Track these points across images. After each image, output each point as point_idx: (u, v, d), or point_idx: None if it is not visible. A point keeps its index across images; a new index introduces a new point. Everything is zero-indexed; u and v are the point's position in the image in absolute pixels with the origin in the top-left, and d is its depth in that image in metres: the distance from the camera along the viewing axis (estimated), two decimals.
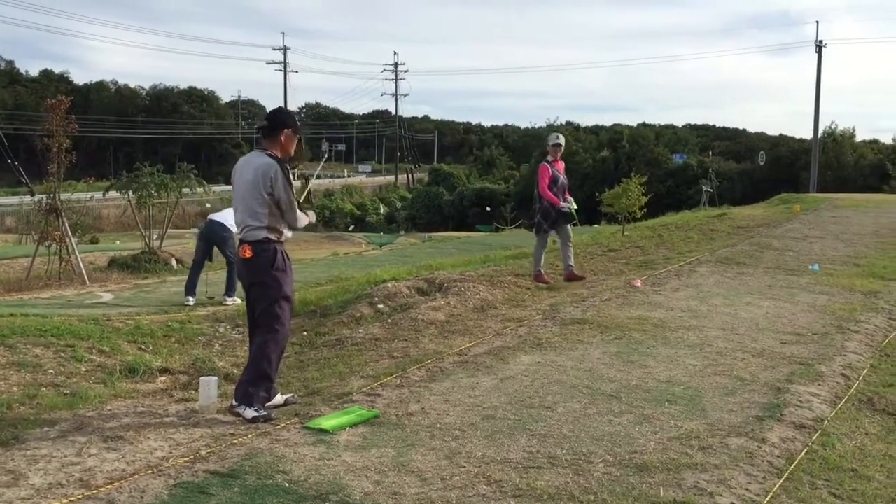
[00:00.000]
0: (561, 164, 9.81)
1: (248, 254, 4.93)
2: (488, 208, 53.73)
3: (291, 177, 5.05)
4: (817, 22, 71.29)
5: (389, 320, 7.66)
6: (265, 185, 4.87)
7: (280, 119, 5.10)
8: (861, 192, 36.78)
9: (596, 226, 24.42)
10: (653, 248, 12.68)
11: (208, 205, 63.23)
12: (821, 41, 47.74)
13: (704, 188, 33.92)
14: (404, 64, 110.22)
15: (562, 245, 9.70)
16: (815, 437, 4.48)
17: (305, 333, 8.04)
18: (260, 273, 4.95)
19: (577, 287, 9.22)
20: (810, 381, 5.55)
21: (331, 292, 10.04)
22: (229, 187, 6.18)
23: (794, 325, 7.32)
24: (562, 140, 9.77)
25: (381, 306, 8.72)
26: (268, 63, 74.81)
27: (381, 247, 27.20)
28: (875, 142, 62.12)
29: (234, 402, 4.82)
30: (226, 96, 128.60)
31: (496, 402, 4.99)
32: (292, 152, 5.15)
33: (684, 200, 49.38)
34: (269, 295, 4.93)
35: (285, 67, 73.51)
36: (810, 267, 10.47)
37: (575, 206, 9.77)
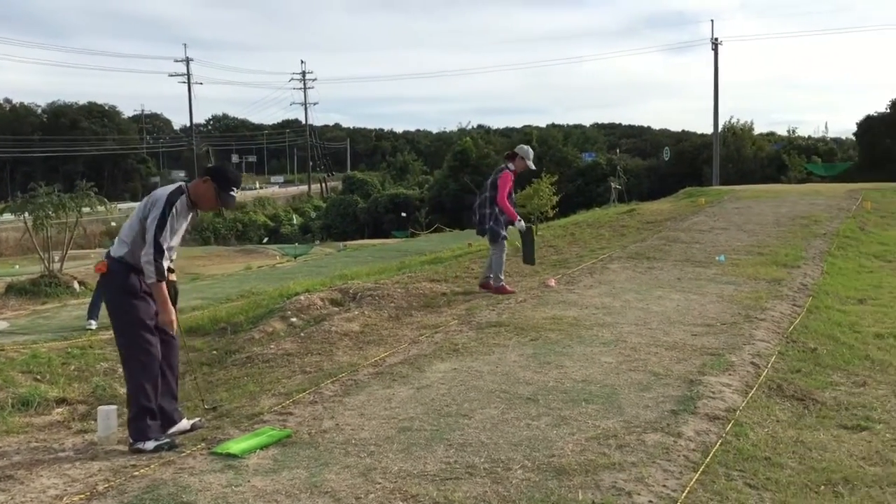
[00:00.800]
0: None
1: (103, 268, 4.68)
2: (403, 214, 53.63)
3: (179, 222, 4.70)
4: (712, 21, 73.10)
5: (302, 334, 7.46)
6: (145, 209, 4.64)
7: (209, 169, 4.90)
8: (761, 183, 38.20)
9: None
10: (566, 247, 12.79)
11: (114, 223, 61.23)
12: (716, 39, 49.44)
13: (613, 185, 34.68)
14: (312, 72, 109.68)
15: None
16: (728, 428, 4.52)
17: (215, 352, 7.77)
18: (112, 293, 4.72)
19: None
20: (721, 371, 5.63)
21: (242, 308, 9.78)
22: (133, 204, 5.86)
23: (703, 317, 7.44)
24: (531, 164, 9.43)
25: (294, 320, 8.52)
26: (170, 75, 72.83)
27: (295, 258, 26.76)
28: (772, 134, 64.87)
29: (131, 441, 4.57)
30: (129, 111, 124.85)
31: (412, 413, 4.88)
32: (204, 205, 4.87)
33: (594, 198, 50.29)
34: (123, 321, 4.66)
35: (189, 79, 71.75)
36: (717, 258, 10.72)
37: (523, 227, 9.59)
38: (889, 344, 6.86)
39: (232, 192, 4.84)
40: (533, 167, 9.42)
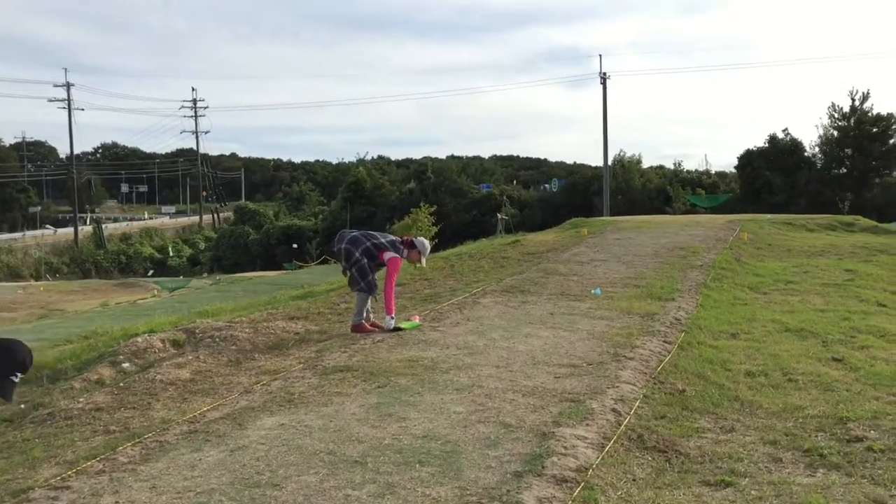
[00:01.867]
0: None
1: None
2: (295, 245, 52.34)
3: None
4: (600, 56, 76.17)
5: (122, 384, 6.54)
6: None
7: None
8: (649, 214, 38.97)
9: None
10: (441, 280, 12.21)
11: None
12: (604, 73, 50.73)
13: (500, 216, 34.62)
14: (203, 100, 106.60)
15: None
16: (576, 493, 3.93)
17: (23, 406, 6.74)
18: None
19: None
20: (579, 420, 5.07)
21: (73, 351, 8.70)
22: (12, 235, 4.78)
23: (570, 356, 6.94)
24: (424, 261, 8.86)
25: (126, 365, 7.56)
26: (50, 100, 69.29)
27: (171, 291, 25.36)
28: (661, 167, 66.89)
29: None
30: (9, 138, 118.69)
31: (215, 484, 4.10)
32: None
33: (488, 229, 50.39)
34: None
35: (69, 105, 68.58)
36: (592, 291, 10.35)
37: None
38: (759, 383, 6.50)
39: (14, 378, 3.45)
40: (424, 266, 8.86)
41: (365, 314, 8.41)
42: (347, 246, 8.39)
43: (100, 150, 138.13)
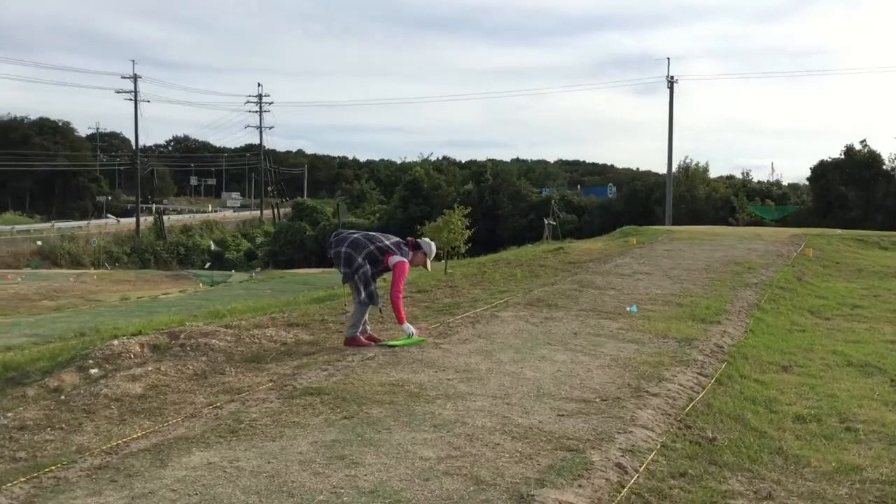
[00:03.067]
0: None
1: None
2: None
3: None
4: (668, 59, 73.60)
5: (63, 396, 5.76)
6: None
7: None
8: (713, 224, 37.30)
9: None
10: (467, 289, 11.25)
11: (39, 242, 58.58)
12: (671, 77, 49.09)
13: (547, 222, 33.42)
14: (268, 95, 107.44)
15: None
16: None
17: None
18: None
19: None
20: (571, 478, 4.07)
21: (52, 352, 8.03)
22: (77, 223, 4.14)
23: (583, 388, 5.91)
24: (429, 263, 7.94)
25: (94, 371, 6.82)
26: (117, 91, 70.39)
27: (212, 285, 24.93)
28: (730, 177, 64.46)
29: None
30: (84, 129, 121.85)
31: None
32: None
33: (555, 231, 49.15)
34: None
35: (136, 96, 69.59)
36: (628, 309, 9.27)
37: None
38: (810, 431, 5.40)
39: None
40: (429, 269, 8.03)
41: (362, 326, 7.52)
42: (348, 250, 7.48)
43: (172, 143, 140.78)
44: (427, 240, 7.93)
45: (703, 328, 8.37)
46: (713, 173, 58.11)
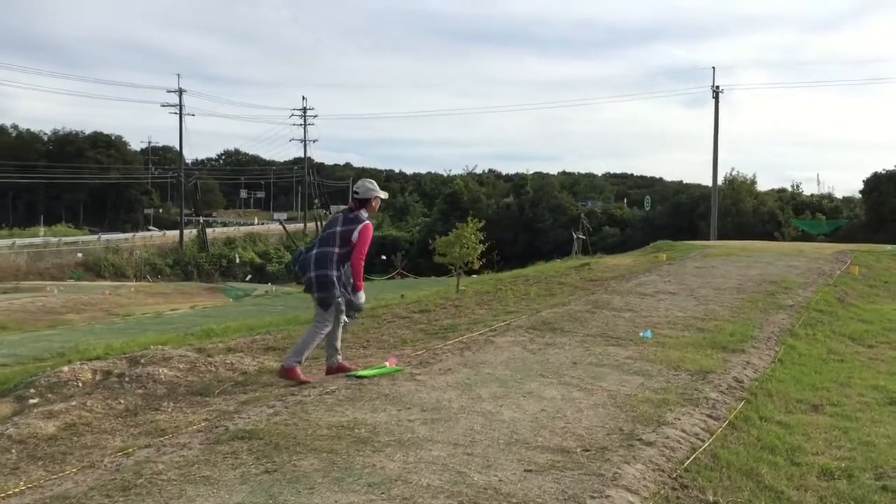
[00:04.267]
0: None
1: None
2: (383, 257, 51.35)
3: None
4: (713, 68, 71.50)
5: None
6: None
7: None
8: (759, 239, 35.87)
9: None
10: (472, 309, 10.40)
11: (80, 254, 59.05)
12: (717, 87, 47.60)
13: (576, 236, 32.31)
14: (313, 109, 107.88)
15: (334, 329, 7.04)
16: None
17: None
18: None
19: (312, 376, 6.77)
20: None
21: (7, 376, 7.41)
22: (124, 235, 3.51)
23: (566, 433, 5.03)
24: (372, 182, 6.92)
25: (33, 401, 6.17)
26: (162, 105, 71.03)
27: (235, 300, 24.44)
28: (782, 190, 62.40)
29: None
30: (136, 143, 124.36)
31: None
32: None
33: (586, 247, 48.02)
34: None
35: (181, 110, 70.05)
36: (641, 334, 8.32)
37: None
38: (837, 491, 4.49)
39: None
40: (384, 196, 7.04)
41: (334, 355, 6.77)
42: (319, 273, 6.65)
43: (223, 156, 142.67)
44: (363, 182, 7.01)
45: (723, 358, 7.40)
46: (761, 186, 56.32)
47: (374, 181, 6.94)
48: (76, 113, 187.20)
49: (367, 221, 6.77)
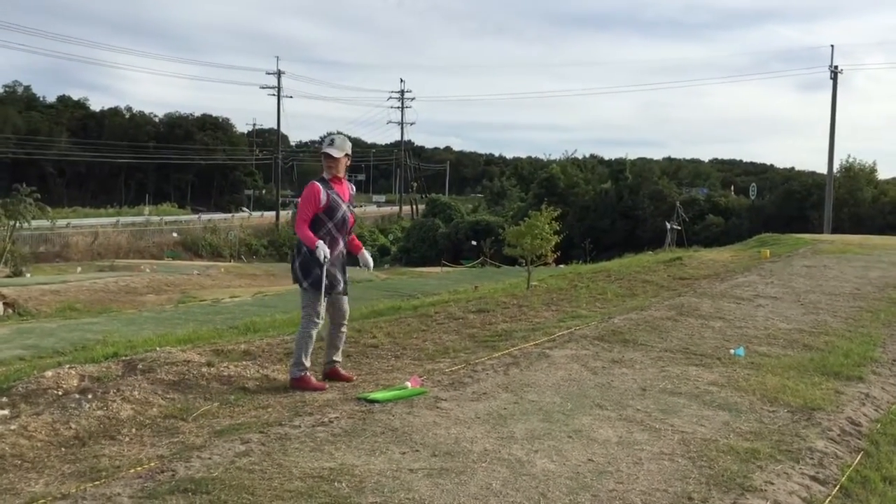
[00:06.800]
0: (346, 187, 5.93)
1: None
2: (473, 242, 50.13)
3: None
4: (832, 46, 66.86)
5: None
6: None
7: None
8: (880, 233, 32.94)
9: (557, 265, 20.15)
10: (537, 310, 9.12)
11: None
12: (835, 67, 44.27)
13: (670, 226, 30.15)
14: (410, 91, 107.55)
15: (331, 326, 6.04)
16: None
17: None
18: None
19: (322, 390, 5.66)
20: None
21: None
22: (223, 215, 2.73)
23: (615, 499, 3.76)
24: (343, 147, 5.75)
25: (4, 412, 5.30)
26: (261, 87, 71.81)
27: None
28: None
29: None
30: (241, 125, 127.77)
31: None
32: None
33: (690, 237, 45.53)
34: None
35: (279, 92, 70.71)
36: (732, 351, 6.87)
37: (371, 265, 6.14)
38: None
39: None
40: (342, 149, 5.79)
41: (333, 352, 5.79)
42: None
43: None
44: (331, 136, 5.81)
45: (835, 388, 5.91)
46: (882, 175, 52.22)
47: (342, 136, 5.80)
48: (187, 96, 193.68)
49: (313, 182, 5.72)
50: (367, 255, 6.06)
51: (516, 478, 4.00)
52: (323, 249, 5.53)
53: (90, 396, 5.08)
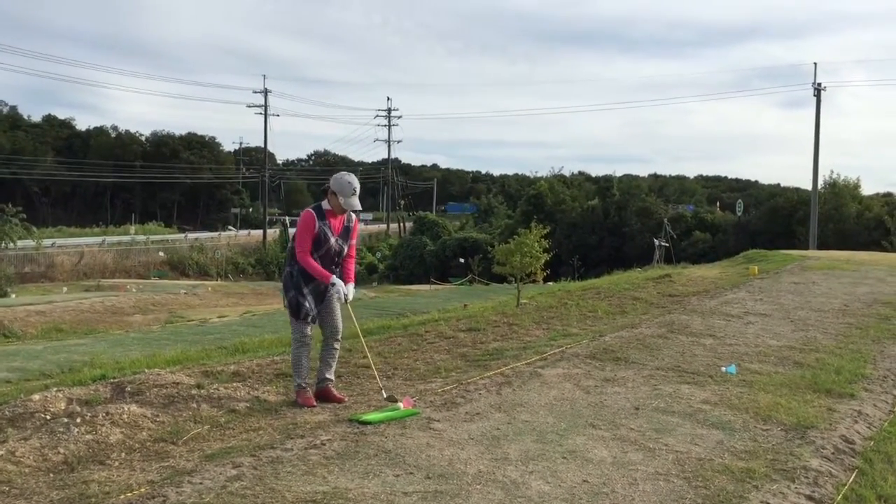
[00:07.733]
0: (341, 221, 5.76)
1: None
2: (461, 259, 50.12)
3: None
4: (815, 64, 67.35)
5: None
6: None
7: None
8: (864, 248, 33.18)
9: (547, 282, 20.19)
10: (527, 328, 9.10)
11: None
12: (818, 84, 44.61)
13: (658, 242, 30.26)
14: (398, 109, 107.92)
15: (323, 343, 6.02)
16: None
17: None
18: None
19: (312, 412, 5.61)
20: None
21: None
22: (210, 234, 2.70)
23: None
24: (354, 183, 5.69)
25: None
26: (248, 106, 71.77)
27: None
28: (890, 195, 58.00)
29: None
30: (228, 144, 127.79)
31: None
32: None
33: (677, 253, 45.66)
34: None
35: (265, 110, 70.66)
36: (723, 369, 6.87)
37: (349, 298, 5.98)
38: None
39: None
40: (357, 207, 5.81)
41: (307, 375, 5.79)
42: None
43: (312, 157, 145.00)
44: (339, 175, 5.75)
45: (827, 406, 5.91)
46: (866, 191, 52.56)
47: (352, 185, 5.73)
48: (174, 115, 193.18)
49: (308, 211, 5.74)
50: (351, 287, 5.93)
51: (511, 500, 3.97)
52: (341, 287, 5.63)
53: (78, 420, 5.01)
